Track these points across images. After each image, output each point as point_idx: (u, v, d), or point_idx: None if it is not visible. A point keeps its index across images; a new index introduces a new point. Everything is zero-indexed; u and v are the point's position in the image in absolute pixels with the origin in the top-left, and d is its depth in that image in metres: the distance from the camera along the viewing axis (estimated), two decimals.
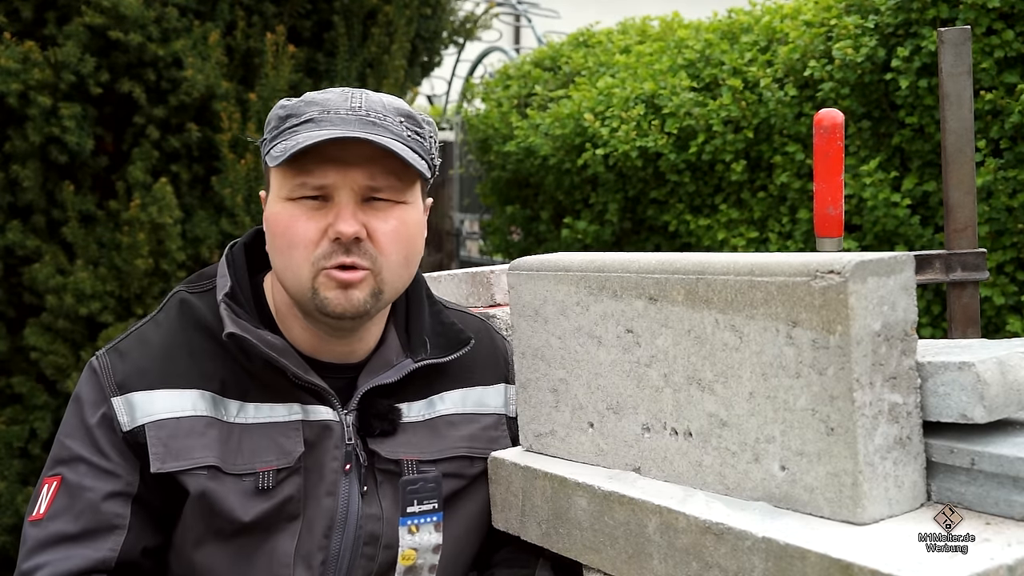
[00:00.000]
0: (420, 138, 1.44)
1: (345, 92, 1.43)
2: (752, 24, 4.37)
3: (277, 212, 1.41)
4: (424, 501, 1.41)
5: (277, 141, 1.41)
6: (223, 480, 1.38)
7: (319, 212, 1.39)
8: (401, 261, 1.44)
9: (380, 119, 1.40)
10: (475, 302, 2.04)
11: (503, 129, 5.57)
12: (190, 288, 1.52)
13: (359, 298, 1.40)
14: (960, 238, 1.79)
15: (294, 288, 1.42)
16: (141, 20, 3.83)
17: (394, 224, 1.42)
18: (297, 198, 1.39)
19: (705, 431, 1.23)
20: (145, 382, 1.42)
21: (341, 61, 4.51)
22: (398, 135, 1.41)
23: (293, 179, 1.39)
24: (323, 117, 1.39)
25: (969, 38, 1.76)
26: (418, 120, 1.45)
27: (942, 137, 1.79)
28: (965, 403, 1.09)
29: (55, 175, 3.97)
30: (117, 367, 1.44)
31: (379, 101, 1.43)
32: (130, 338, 1.48)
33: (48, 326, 3.97)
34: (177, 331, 1.47)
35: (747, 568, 1.10)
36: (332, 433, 1.44)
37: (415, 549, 1.39)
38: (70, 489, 1.38)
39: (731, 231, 4.26)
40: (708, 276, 1.21)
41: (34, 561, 1.35)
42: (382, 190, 1.40)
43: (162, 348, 1.45)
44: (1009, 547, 1.00)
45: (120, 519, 1.37)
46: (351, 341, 1.50)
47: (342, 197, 1.38)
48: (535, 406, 1.51)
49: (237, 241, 1.57)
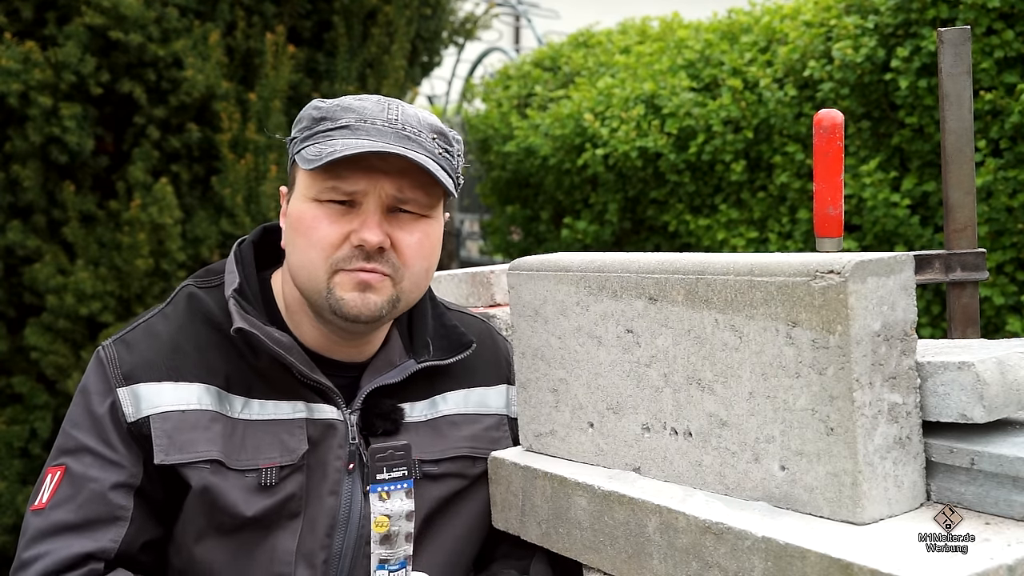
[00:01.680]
0: (449, 156, 1.46)
1: (382, 102, 1.44)
2: (752, 24, 4.37)
3: (302, 211, 1.42)
4: (393, 469, 1.41)
5: (310, 143, 1.42)
6: (226, 475, 1.38)
7: (344, 217, 1.40)
8: (421, 273, 1.46)
9: (415, 134, 1.42)
10: (475, 302, 2.04)
11: (503, 129, 5.57)
12: (198, 283, 1.53)
13: (376, 302, 1.41)
14: (960, 238, 1.79)
15: (308, 286, 1.43)
16: (141, 20, 3.84)
17: (418, 237, 1.43)
18: (324, 200, 1.40)
19: (705, 431, 1.23)
20: (152, 374, 1.42)
21: (341, 61, 4.51)
22: (430, 152, 1.42)
23: (324, 182, 1.40)
24: (359, 126, 1.40)
25: (969, 38, 1.76)
26: (449, 138, 1.47)
27: (942, 137, 1.79)
28: (965, 403, 1.09)
29: (55, 175, 3.97)
30: (124, 358, 1.44)
31: (415, 116, 1.44)
32: (138, 329, 1.49)
33: (48, 326, 3.97)
34: (185, 324, 1.47)
35: (747, 568, 1.10)
36: (336, 432, 1.45)
37: (387, 516, 1.40)
38: (74, 479, 1.39)
39: (731, 231, 4.26)
40: (708, 276, 1.21)
41: (34, 551, 1.36)
42: (409, 203, 1.42)
43: (170, 341, 1.45)
44: (1009, 547, 1.00)
45: (123, 511, 1.38)
46: (358, 343, 1.51)
47: (369, 206, 1.39)
48: (535, 406, 1.51)
49: (245, 238, 1.57)
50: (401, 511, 1.41)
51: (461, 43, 6.39)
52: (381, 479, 1.40)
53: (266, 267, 1.56)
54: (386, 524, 1.40)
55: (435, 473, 1.50)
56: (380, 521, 1.39)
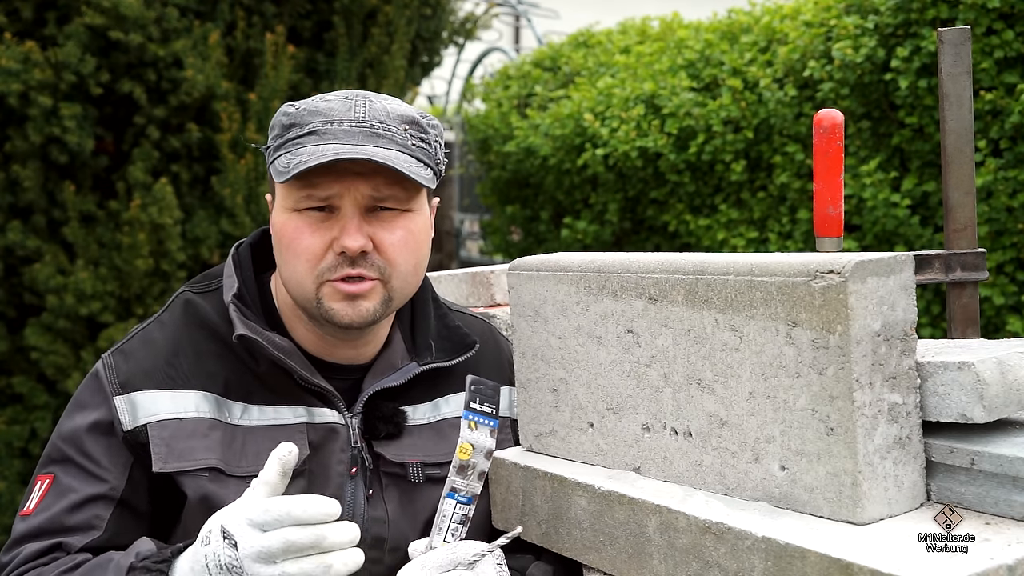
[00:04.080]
0: (425, 144, 1.43)
1: (348, 100, 1.42)
2: (752, 24, 4.38)
3: (283, 222, 1.41)
4: (485, 403, 1.40)
5: (280, 152, 1.41)
6: (225, 482, 1.38)
7: (324, 224, 1.39)
8: (410, 269, 1.44)
9: (384, 129, 1.40)
10: (475, 302, 2.04)
11: (503, 129, 5.57)
12: (195, 288, 1.52)
13: (367, 308, 1.40)
14: (960, 238, 1.79)
15: (299, 297, 1.43)
16: (141, 20, 3.84)
17: (400, 234, 1.41)
18: (302, 209, 1.39)
19: (705, 431, 1.23)
20: (149, 382, 1.42)
21: (341, 61, 4.51)
22: (403, 145, 1.40)
23: (298, 191, 1.39)
24: (326, 129, 1.38)
25: (969, 38, 1.76)
26: (423, 125, 1.44)
27: (942, 137, 1.79)
28: (965, 403, 1.09)
29: (55, 175, 3.97)
30: (121, 367, 1.44)
31: (383, 109, 1.42)
32: (134, 339, 1.48)
33: (48, 326, 3.97)
34: (182, 331, 1.47)
35: (747, 568, 1.10)
36: (338, 436, 1.44)
37: (472, 444, 1.38)
38: (59, 489, 1.40)
39: (731, 231, 4.26)
40: (708, 276, 1.21)
41: (12, 553, 1.39)
42: (387, 200, 1.40)
43: (166, 349, 1.45)
44: (1009, 547, 1.00)
45: (99, 520, 1.39)
46: (357, 344, 1.51)
47: (347, 209, 1.38)
48: (535, 406, 1.51)
49: (243, 241, 1.57)
50: (484, 446, 1.38)
51: (461, 43, 6.39)
52: (474, 407, 1.38)
53: (264, 270, 1.55)
54: (470, 451, 1.37)
55: (438, 476, 1.49)
56: (464, 448, 1.36)
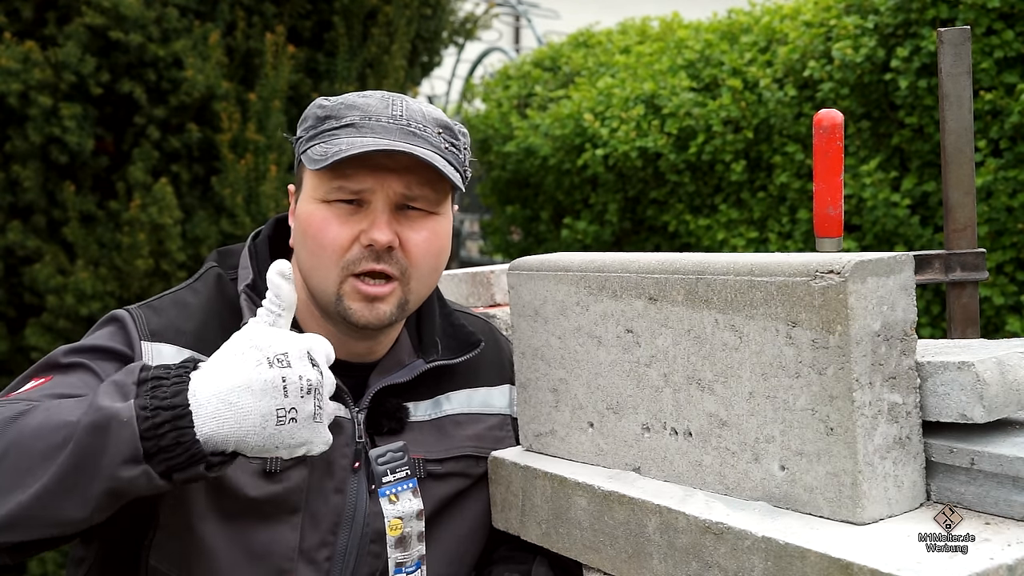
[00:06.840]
0: (455, 149, 1.45)
1: (386, 98, 1.44)
2: (752, 24, 4.38)
3: (311, 212, 1.42)
4: (396, 471, 1.42)
5: (315, 142, 1.41)
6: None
7: (353, 217, 1.40)
8: (429, 272, 1.46)
9: (420, 130, 1.41)
10: (475, 302, 2.05)
11: (503, 129, 5.57)
12: (223, 269, 1.52)
13: (384, 311, 1.41)
14: (959, 238, 1.79)
15: (319, 290, 1.43)
16: (141, 20, 3.84)
17: (426, 235, 1.43)
18: (332, 200, 1.40)
19: (705, 431, 1.23)
20: (178, 339, 1.42)
21: (341, 61, 4.51)
22: (436, 147, 1.42)
23: (330, 182, 1.39)
24: (364, 123, 1.39)
25: (969, 38, 1.76)
26: (454, 132, 1.46)
27: (941, 137, 1.79)
28: (964, 403, 1.09)
29: (55, 175, 3.97)
30: (152, 319, 1.43)
31: (419, 111, 1.44)
32: (164, 299, 1.48)
33: (49, 326, 3.97)
34: (214, 302, 1.48)
35: (747, 568, 1.10)
36: (343, 431, 1.44)
37: (400, 518, 1.40)
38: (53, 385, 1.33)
39: (731, 231, 4.26)
40: (708, 276, 1.21)
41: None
42: (417, 200, 1.41)
43: (200, 313, 1.46)
44: (1009, 547, 1.00)
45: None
46: (369, 344, 1.51)
47: (377, 204, 1.39)
48: (535, 406, 1.51)
49: (261, 230, 1.57)
50: (411, 511, 1.41)
51: (461, 43, 6.39)
52: (387, 481, 1.41)
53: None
54: (399, 527, 1.40)
55: (439, 472, 1.50)
56: (394, 525, 1.39)
